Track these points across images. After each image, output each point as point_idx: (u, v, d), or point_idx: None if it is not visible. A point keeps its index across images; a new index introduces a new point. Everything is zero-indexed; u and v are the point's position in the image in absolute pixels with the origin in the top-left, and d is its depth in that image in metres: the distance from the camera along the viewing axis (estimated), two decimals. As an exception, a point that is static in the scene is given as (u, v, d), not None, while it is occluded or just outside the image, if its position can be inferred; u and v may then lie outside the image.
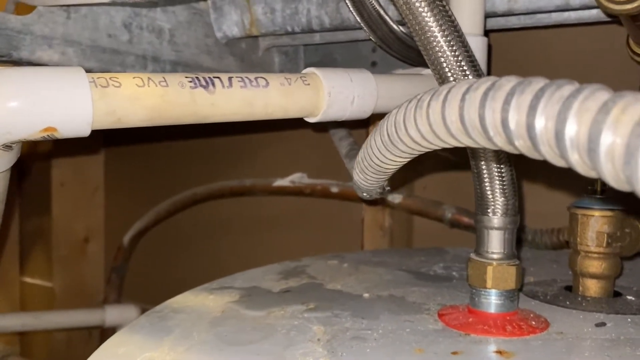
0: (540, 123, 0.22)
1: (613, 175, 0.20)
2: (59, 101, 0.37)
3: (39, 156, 1.27)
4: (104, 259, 1.32)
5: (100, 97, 0.38)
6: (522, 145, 0.24)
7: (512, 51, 0.86)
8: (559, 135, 0.21)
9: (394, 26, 0.61)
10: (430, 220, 0.90)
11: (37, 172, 1.29)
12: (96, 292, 1.30)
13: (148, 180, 1.24)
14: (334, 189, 0.95)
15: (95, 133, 0.40)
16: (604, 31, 0.75)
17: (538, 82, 0.23)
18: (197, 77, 0.42)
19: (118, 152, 1.29)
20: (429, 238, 0.96)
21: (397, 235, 0.96)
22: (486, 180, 0.45)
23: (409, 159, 0.38)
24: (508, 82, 0.24)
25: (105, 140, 1.29)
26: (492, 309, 0.46)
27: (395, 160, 0.38)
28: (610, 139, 0.20)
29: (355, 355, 0.40)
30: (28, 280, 1.35)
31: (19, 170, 1.29)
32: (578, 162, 0.21)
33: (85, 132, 0.39)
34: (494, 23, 0.72)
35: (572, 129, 0.21)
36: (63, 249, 1.28)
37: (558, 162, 0.23)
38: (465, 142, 0.28)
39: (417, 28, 0.42)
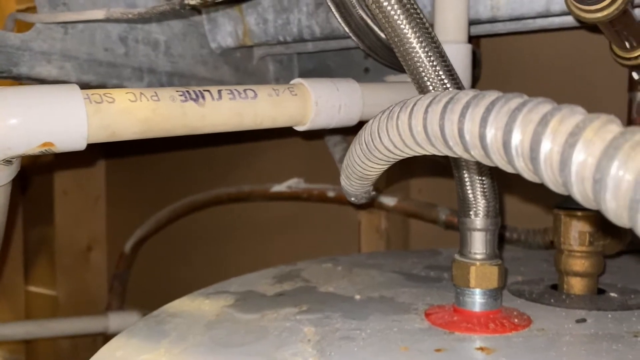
0: (490, 133, 0.24)
1: (552, 180, 0.22)
2: (56, 117, 0.38)
3: (41, 166, 1.29)
4: (107, 266, 1.34)
5: (95, 113, 0.40)
6: (477, 154, 0.25)
7: (502, 56, 0.87)
8: (506, 144, 0.23)
9: (381, 34, 0.63)
10: (426, 223, 0.91)
11: (40, 182, 1.31)
12: (99, 300, 1.31)
13: (148, 188, 1.25)
14: (331, 194, 0.96)
15: (95, 144, 0.42)
16: (591, 35, 0.76)
17: (490, 96, 0.25)
18: (187, 91, 0.44)
19: (118, 162, 1.31)
20: (426, 240, 0.97)
21: (393, 238, 0.98)
22: (467, 183, 0.47)
23: (387, 166, 0.40)
24: (465, 96, 0.26)
25: (105, 150, 1.31)
26: (476, 308, 0.47)
27: (374, 167, 0.40)
28: (549, 148, 0.22)
29: (343, 354, 0.42)
30: (32, 289, 1.37)
31: (22, 181, 1.31)
32: (523, 169, 0.23)
33: (81, 146, 0.41)
34: (480, 29, 0.74)
35: (517, 138, 0.23)
36: (66, 258, 1.30)
37: (507, 168, 0.25)
38: (431, 150, 0.30)
39: (395, 40, 0.44)
